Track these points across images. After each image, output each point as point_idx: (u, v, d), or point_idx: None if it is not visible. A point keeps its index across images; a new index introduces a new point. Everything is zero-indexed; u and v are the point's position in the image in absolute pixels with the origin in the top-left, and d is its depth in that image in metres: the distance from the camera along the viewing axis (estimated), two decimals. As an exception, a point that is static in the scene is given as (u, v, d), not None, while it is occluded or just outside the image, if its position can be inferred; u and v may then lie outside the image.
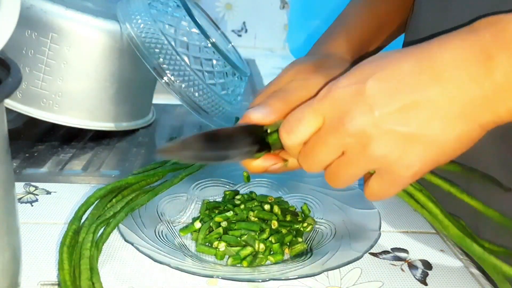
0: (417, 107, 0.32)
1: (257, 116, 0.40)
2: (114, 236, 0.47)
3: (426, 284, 0.44)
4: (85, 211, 0.48)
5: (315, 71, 0.44)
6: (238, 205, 0.52)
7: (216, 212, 0.51)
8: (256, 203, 0.52)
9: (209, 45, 0.67)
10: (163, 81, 0.65)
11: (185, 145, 0.38)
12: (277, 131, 0.39)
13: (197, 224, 0.49)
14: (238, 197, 0.54)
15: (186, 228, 0.49)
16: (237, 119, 0.71)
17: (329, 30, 0.55)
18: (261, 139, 0.40)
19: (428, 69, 0.32)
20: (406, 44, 0.59)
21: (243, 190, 0.58)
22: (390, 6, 0.59)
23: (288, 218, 0.51)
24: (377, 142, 0.33)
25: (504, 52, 0.31)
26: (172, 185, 0.54)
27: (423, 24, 0.53)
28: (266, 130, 0.40)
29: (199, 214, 0.53)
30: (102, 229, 0.46)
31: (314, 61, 0.46)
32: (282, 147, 0.39)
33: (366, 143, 0.33)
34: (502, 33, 0.31)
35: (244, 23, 1.45)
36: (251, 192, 0.56)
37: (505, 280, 0.42)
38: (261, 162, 0.40)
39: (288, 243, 0.48)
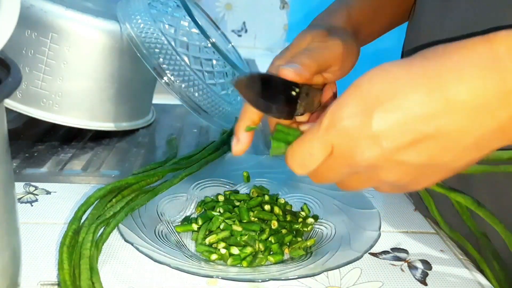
0: (428, 140, 0.31)
1: (292, 73, 0.40)
2: (114, 236, 0.47)
3: (426, 284, 0.44)
4: (85, 211, 0.48)
5: (331, 35, 0.45)
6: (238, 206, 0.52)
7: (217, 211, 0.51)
8: (255, 202, 0.52)
9: (209, 45, 0.67)
10: (163, 81, 0.65)
11: (250, 82, 0.39)
12: (280, 131, 0.39)
13: (195, 226, 0.49)
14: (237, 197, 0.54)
15: (182, 226, 0.49)
16: (237, 119, 0.72)
17: (329, 7, 0.55)
18: (290, 100, 0.41)
19: (441, 101, 0.30)
20: (406, 43, 0.58)
21: (243, 190, 0.58)
22: None
23: (288, 218, 0.51)
24: (389, 171, 0.33)
25: None
26: (172, 185, 0.54)
27: (424, 22, 0.53)
28: (297, 92, 0.40)
29: (196, 214, 0.53)
30: (102, 229, 0.46)
31: (324, 29, 0.47)
32: (302, 114, 0.41)
33: (377, 172, 0.33)
34: None
35: (244, 23, 1.46)
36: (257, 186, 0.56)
37: None
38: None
39: (288, 243, 0.48)
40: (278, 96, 0.40)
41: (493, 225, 0.46)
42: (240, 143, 0.43)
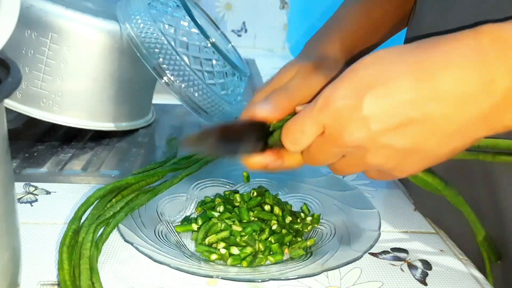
0: (413, 124, 0.32)
1: (263, 112, 0.41)
2: (114, 236, 0.47)
3: (425, 284, 0.44)
4: (85, 211, 0.48)
5: (314, 71, 0.44)
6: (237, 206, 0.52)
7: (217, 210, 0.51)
8: (255, 202, 0.52)
9: (209, 45, 0.67)
10: (163, 81, 0.65)
11: (203, 137, 0.39)
12: (277, 129, 0.40)
13: (195, 226, 0.49)
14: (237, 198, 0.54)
15: (182, 226, 0.50)
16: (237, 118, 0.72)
17: (322, 30, 0.55)
18: (263, 137, 0.41)
19: (427, 87, 0.32)
20: (406, 41, 0.58)
21: (243, 190, 0.58)
22: (386, 7, 0.59)
23: (288, 218, 0.51)
24: (374, 154, 0.35)
25: (508, 71, 0.31)
26: (172, 185, 0.54)
27: (424, 22, 0.53)
28: (268, 128, 0.40)
29: (196, 214, 0.53)
30: (102, 229, 0.46)
31: (312, 62, 0.47)
32: (282, 146, 0.40)
33: (363, 154, 0.35)
34: (509, 55, 0.31)
35: (244, 23, 1.45)
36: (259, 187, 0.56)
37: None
38: (262, 159, 0.41)
39: (288, 243, 0.48)
40: (245, 137, 0.40)
41: (460, 207, 0.48)
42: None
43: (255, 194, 0.54)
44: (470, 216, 0.48)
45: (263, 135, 0.41)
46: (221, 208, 0.51)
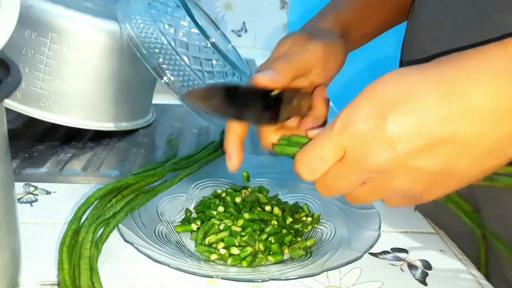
0: (443, 144, 0.30)
1: (265, 80, 0.40)
2: (114, 236, 0.47)
3: (425, 284, 0.44)
4: (85, 211, 0.48)
5: (312, 38, 0.45)
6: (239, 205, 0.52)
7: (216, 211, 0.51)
8: (255, 202, 0.52)
9: (209, 45, 0.67)
10: (163, 81, 0.65)
11: (209, 93, 0.38)
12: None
13: (194, 226, 0.49)
14: (238, 200, 0.54)
15: (182, 226, 0.50)
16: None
17: (320, 12, 0.56)
18: (270, 106, 0.40)
19: (455, 104, 0.30)
20: (405, 43, 0.58)
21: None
22: None
23: (288, 219, 0.51)
24: (402, 178, 0.32)
25: None
26: (172, 185, 0.54)
27: (423, 20, 0.53)
28: (274, 98, 0.40)
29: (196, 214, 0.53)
30: (102, 229, 0.46)
31: (307, 32, 0.47)
32: (288, 118, 0.40)
33: (389, 179, 0.32)
34: None
35: (244, 23, 1.45)
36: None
37: None
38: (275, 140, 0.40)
39: (288, 243, 0.48)
40: (252, 103, 0.39)
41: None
42: (233, 159, 0.42)
43: (246, 193, 0.54)
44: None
45: (269, 105, 0.40)
46: (220, 209, 0.51)
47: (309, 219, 0.52)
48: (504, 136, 0.30)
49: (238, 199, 0.53)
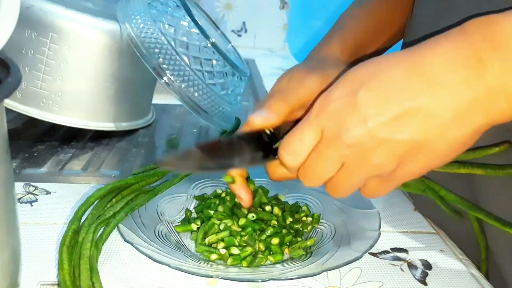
0: (409, 115, 0.32)
1: (259, 120, 0.40)
2: (114, 236, 0.47)
3: (425, 284, 0.44)
4: (85, 211, 0.48)
5: (310, 72, 0.44)
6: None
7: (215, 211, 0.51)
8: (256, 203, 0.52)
9: (209, 45, 0.67)
10: (163, 81, 0.65)
11: (185, 157, 0.39)
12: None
13: (194, 226, 0.49)
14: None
15: (181, 225, 0.50)
16: (237, 119, 0.72)
17: (326, 35, 0.55)
18: (264, 145, 0.40)
19: (419, 76, 0.32)
20: (404, 45, 0.58)
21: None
22: (389, 9, 0.58)
23: (289, 219, 0.51)
24: (374, 152, 0.33)
25: (495, 54, 0.31)
26: (172, 185, 0.54)
27: (420, 24, 0.53)
28: (270, 136, 0.40)
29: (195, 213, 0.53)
30: (102, 229, 0.46)
31: (308, 64, 0.47)
32: None
33: (363, 154, 0.34)
34: (493, 35, 0.31)
35: (244, 23, 1.46)
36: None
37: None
38: (285, 171, 0.40)
39: (288, 243, 0.48)
40: (238, 150, 0.40)
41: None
42: (244, 199, 0.45)
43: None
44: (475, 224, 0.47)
45: (263, 144, 0.40)
46: (220, 208, 0.51)
47: (309, 219, 0.52)
48: (464, 104, 0.32)
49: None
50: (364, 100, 0.33)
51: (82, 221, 0.47)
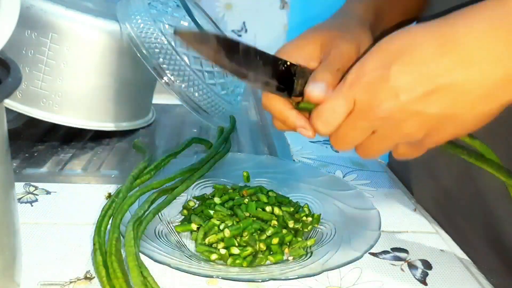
0: (440, 91, 0.33)
1: (318, 95, 0.39)
2: (114, 236, 0.47)
3: (426, 284, 0.44)
4: (121, 219, 0.47)
5: (340, 38, 0.43)
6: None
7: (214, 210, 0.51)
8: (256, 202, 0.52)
9: (209, 45, 0.67)
10: (163, 81, 0.65)
11: (202, 38, 0.38)
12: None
13: (194, 226, 0.49)
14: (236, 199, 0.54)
15: (182, 225, 0.50)
16: (233, 117, 0.72)
17: None
18: (280, 75, 0.40)
19: (452, 52, 0.33)
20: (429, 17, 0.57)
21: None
22: None
23: (290, 222, 0.50)
24: (405, 123, 0.35)
25: None
26: (188, 187, 0.55)
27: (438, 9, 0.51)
28: (285, 68, 0.40)
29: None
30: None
31: (335, 25, 0.46)
32: (301, 95, 0.40)
33: (394, 125, 0.35)
34: None
35: (244, 23, 1.45)
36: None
37: None
38: (296, 120, 0.40)
39: (288, 243, 0.48)
40: (255, 64, 0.39)
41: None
42: (307, 128, 0.40)
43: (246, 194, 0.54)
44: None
45: (277, 73, 0.39)
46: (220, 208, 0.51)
47: (309, 219, 0.52)
48: (496, 81, 0.32)
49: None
50: (397, 75, 0.33)
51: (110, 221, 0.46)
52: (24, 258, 0.41)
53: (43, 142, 0.70)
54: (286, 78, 0.40)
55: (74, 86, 0.67)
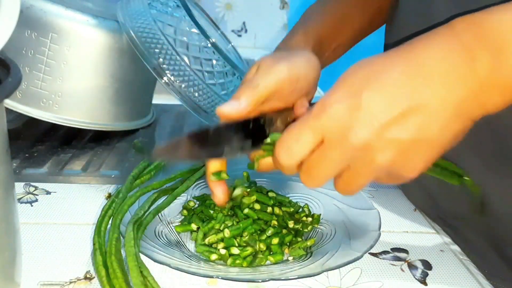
0: (413, 113, 0.33)
1: (227, 109, 0.41)
2: (114, 236, 0.47)
3: (426, 284, 0.44)
4: (121, 219, 0.47)
5: (277, 61, 0.44)
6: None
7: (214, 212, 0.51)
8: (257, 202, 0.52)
9: (209, 45, 0.67)
10: (163, 81, 0.65)
11: (175, 146, 0.39)
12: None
13: (194, 226, 0.49)
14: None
15: (182, 226, 0.50)
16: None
17: (291, 29, 0.56)
18: (253, 133, 0.41)
19: (416, 75, 0.33)
20: (386, 46, 0.58)
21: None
22: (347, 6, 0.59)
23: (289, 221, 0.51)
24: (382, 152, 0.34)
25: (486, 51, 0.33)
26: (188, 187, 0.55)
27: (406, 18, 0.52)
28: (258, 125, 0.41)
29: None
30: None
31: (275, 54, 0.48)
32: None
33: (371, 155, 0.34)
34: (482, 32, 0.33)
35: (244, 23, 1.45)
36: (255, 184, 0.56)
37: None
38: (270, 160, 0.40)
39: (288, 243, 0.48)
40: (227, 138, 0.40)
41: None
42: (217, 197, 0.45)
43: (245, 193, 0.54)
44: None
45: (249, 133, 0.40)
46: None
47: (309, 219, 0.52)
48: (462, 97, 0.33)
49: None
50: (369, 101, 0.33)
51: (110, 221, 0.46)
52: (24, 258, 0.41)
53: (43, 142, 0.70)
54: (258, 132, 0.41)
55: (74, 86, 0.67)
